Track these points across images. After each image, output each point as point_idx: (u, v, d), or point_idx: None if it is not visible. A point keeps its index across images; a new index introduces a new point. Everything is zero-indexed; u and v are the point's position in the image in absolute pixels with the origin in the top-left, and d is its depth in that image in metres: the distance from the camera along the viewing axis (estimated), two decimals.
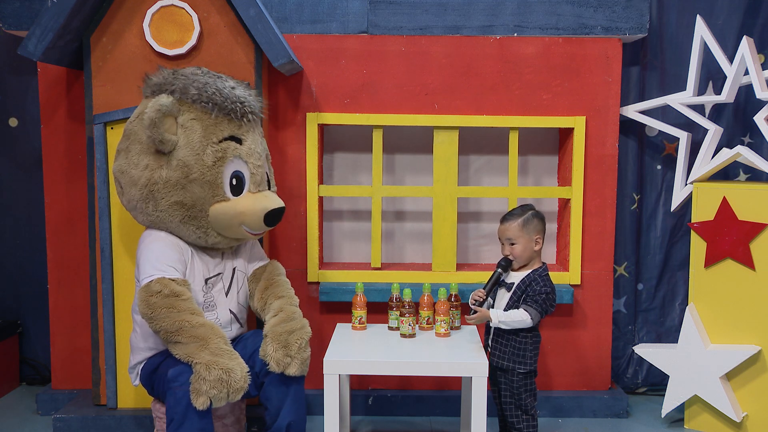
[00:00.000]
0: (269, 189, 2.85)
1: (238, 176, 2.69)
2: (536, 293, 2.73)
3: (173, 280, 2.56)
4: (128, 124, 2.77)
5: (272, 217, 2.72)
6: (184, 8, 3.00)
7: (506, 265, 2.81)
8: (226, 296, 2.80)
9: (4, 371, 3.67)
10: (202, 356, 2.43)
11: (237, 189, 2.70)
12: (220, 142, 2.66)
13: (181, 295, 2.53)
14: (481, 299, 2.77)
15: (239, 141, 2.70)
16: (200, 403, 2.41)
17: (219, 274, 2.79)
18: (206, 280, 2.74)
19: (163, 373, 2.56)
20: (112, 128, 3.07)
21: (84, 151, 3.31)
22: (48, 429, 3.22)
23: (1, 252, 3.74)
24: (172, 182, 2.63)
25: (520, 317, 2.70)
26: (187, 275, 2.68)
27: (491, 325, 2.78)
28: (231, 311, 2.81)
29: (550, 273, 2.83)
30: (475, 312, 2.73)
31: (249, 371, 2.51)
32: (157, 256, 2.62)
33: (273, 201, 2.74)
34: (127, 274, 3.11)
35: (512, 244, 2.79)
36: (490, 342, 2.86)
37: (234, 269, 2.85)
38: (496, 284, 2.82)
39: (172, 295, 2.52)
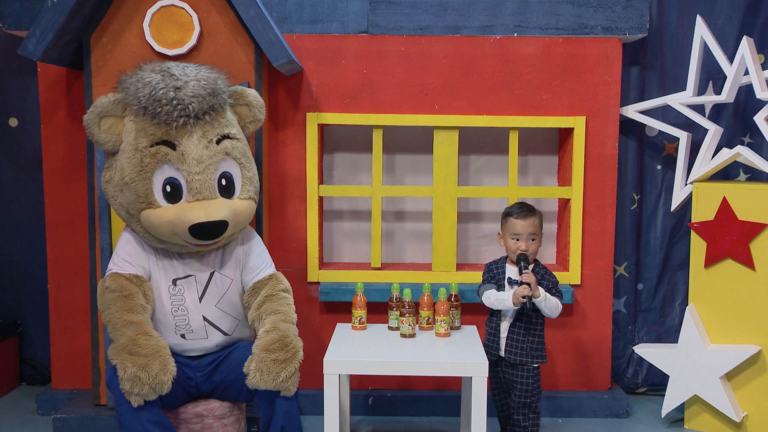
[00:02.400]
0: (234, 195, 2.66)
1: (172, 183, 2.56)
2: (553, 284, 2.80)
3: (123, 275, 2.59)
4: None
5: (199, 231, 2.54)
6: (184, 8, 3.00)
7: (526, 262, 2.77)
8: (200, 301, 2.67)
9: (4, 371, 3.67)
10: (120, 356, 2.44)
11: (173, 196, 2.57)
12: (151, 146, 2.56)
13: (123, 291, 2.55)
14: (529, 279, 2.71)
15: (173, 146, 2.55)
16: (133, 401, 2.42)
17: (190, 276, 2.68)
18: (174, 281, 2.67)
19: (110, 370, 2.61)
20: None
21: (84, 151, 3.31)
22: (48, 429, 3.22)
23: (1, 252, 3.74)
24: (114, 183, 2.65)
25: (557, 303, 2.76)
26: (152, 272, 2.67)
27: (536, 300, 2.69)
28: (205, 318, 2.67)
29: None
30: (525, 282, 2.70)
31: (174, 366, 2.48)
32: (118, 251, 2.67)
33: (201, 214, 2.54)
34: None
35: (533, 240, 2.80)
36: (504, 338, 2.84)
37: (212, 273, 2.71)
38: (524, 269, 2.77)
39: (117, 291, 2.55)
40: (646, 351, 3.37)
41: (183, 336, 2.67)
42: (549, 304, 2.74)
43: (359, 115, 3.36)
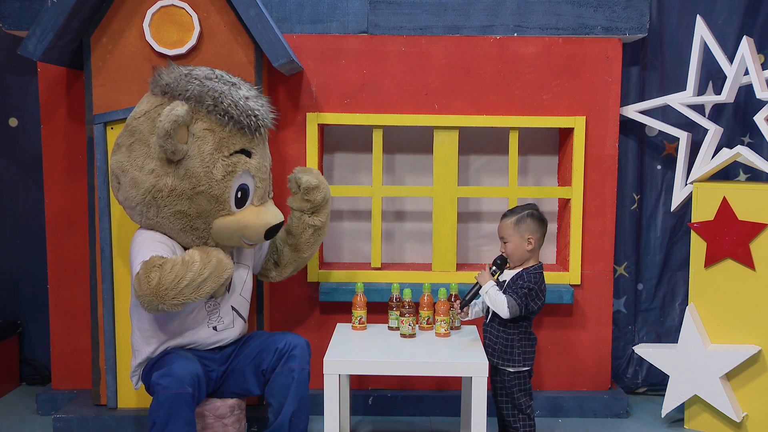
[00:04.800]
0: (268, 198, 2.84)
1: (243, 189, 2.67)
2: (518, 287, 2.73)
3: (163, 257, 2.52)
4: (132, 120, 2.69)
5: (272, 231, 2.73)
6: (184, 8, 3.00)
7: (501, 263, 2.81)
8: (228, 291, 2.79)
9: (4, 371, 3.67)
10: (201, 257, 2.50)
11: (240, 202, 2.67)
12: (231, 155, 2.63)
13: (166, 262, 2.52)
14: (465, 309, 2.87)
15: (249, 154, 2.67)
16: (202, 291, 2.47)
17: None
18: None
19: (154, 373, 2.57)
20: (112, 128, 3.07)
21: (84, 151, 3.31)
22: (48, 429, 3.22)
23: (1, 252, 3.74)
24: (178, 192, 2.60)
25: (502, 301, 2.70)
26: None
27: (481, 292, 2.78)
28: (233, 307, 2.81)
29: (550, 273, 2.83)
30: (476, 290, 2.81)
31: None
32: (149, 246, 2.60)
33: (274, 215, 2.74)
34: (128, 274, 3.11)
35: (505, 243, 2.79)
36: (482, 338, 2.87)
37: (236, 264, 2.84)
38: (474, 296, 2.82)
39: (162, 270, 2.48)
40: (646, 351, 3.37)
41: (215, 328, 2.76)
42: (491, 298, 2.72)
43: (359, 115, 3.36)
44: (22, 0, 3.23)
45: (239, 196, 2.66)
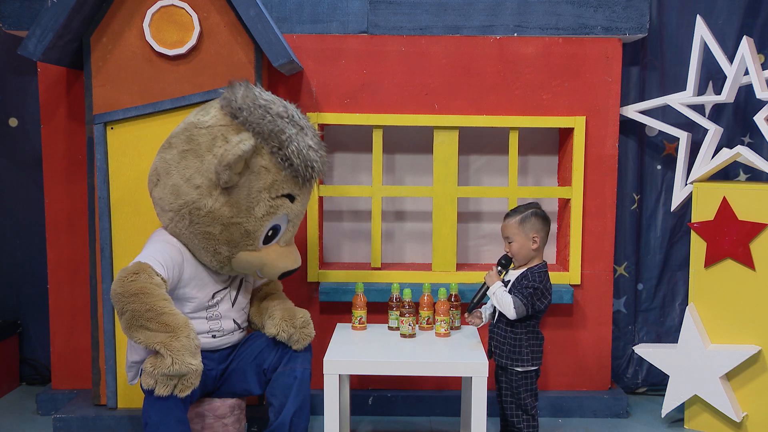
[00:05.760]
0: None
1: (275, 229, 2.68)
2: (524, 287, 2.74)
3: (156, 274, 2.50)
4: (193, 128, 2.62)
5: (288, 274, 2.76)
6: (184, 8, 3.00)
7: (506, 263, 2.82)
8: (232, 306, 2.80)
9: (4, 371, 3.67)
10: (174, 346, 2.40)
11: (268, 239, 2.68)
12: (277, 197, 2.63)
13: (158, 285, 2.48)
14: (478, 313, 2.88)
15: (293, 200, 2.67)
16: (146, 385, 2.42)
17: (226, 287, 2.79)
18: (213, 294, 2.74)
19: None
20: (112, 128, 3.07)
21: (84, 151, 3.31)
22: (48, 429, 3.22)
23: (1, 252, 3.74)
24: (215, 215, 2.58)
25: (509, 301, 2.71)
26: (193, 285, 2.67)
27: (489, 293, 2.79)
28: (234, 321, 2.81)
29: (550, 273, 2.83)
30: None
31: (202, 371, 2.49)
32: (154, 250, 2.59)
33: (294, 261, 2.75)
34: None
35: (510, 242, 2.79)
36: (490, 338, 2.87)
37: (242, 280, 2.86)
38: (482, 298, 2.84)
39: (149, 281, 2.46)
40: (646, 351, 3.37)
41: (213, 336, 2.75)
42: (498, 298, 2.74)
43: (359, 115, 3.36)
44: (22, 0, 3.23)
45: (269, 234, 2.67)
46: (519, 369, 2.78)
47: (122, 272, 2.47)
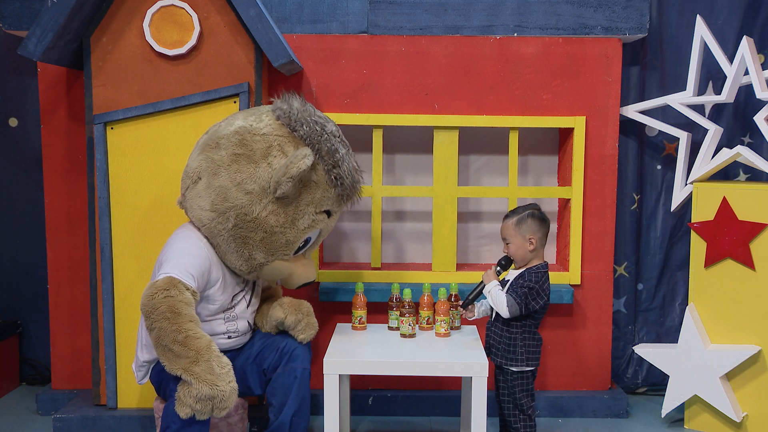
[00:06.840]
0: None
1: (306, 241, 2.73)
2: (519, 286, 2.74)
3: (187, 288, 2.47)
4: (248, 134, 2.61)
5: (305, 285, 2.82)
6: (184, 8, 3.00)
7: (506, 263, 2.83)
8: (247, 308, 2.82)
9: (4, 371, 3.66)
10: (195, 370, 2.36)
11: (297, 250, 2.73)
12: (319, 212, 2.67)
13: (188, 303, 2.45)
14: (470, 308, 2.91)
15: (330, 215, 2.73)
16: (183, 414, 2.38)
17: (244, 289, 2.81)
18: (233, 297, 2.75)
19: (172, 376, 2.54)
20: (112, 128, 3.07)
21: (84, 151, 3.31)
22: (48, 429, 3.22)
23: (1, 252, 3.74)
24: (259, 222, 2.59)
25: (503, 299, 2.71)
26: (218, 287, 2.66)
27: (485, 291, 2.81)
28: (248, 322, 2.83)
29: (550, 273, 2.83)
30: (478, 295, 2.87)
31: (238, 389, 2.47)
32: (185, 260, 2.54)
33: (314, 273, 2.83)
34: (128, 274, 3.11)
35: (507, 244, 2.80)
36: (486, 337, 2.88)
37: (254, 282, 2.88)
38: (478, 296, 2.86)
39: (179, 298, 2.42)
40: (646, 351, 3.37)
41: (229, 336, 2.77)
42: (493, 297, 2.75)
43: (359, 115, 3.36)
44: (22, 0, 3.23)
45: (301, 245, 2.71)
46: (514, 369, 2.78)
47: (152, 288, 2.43)
